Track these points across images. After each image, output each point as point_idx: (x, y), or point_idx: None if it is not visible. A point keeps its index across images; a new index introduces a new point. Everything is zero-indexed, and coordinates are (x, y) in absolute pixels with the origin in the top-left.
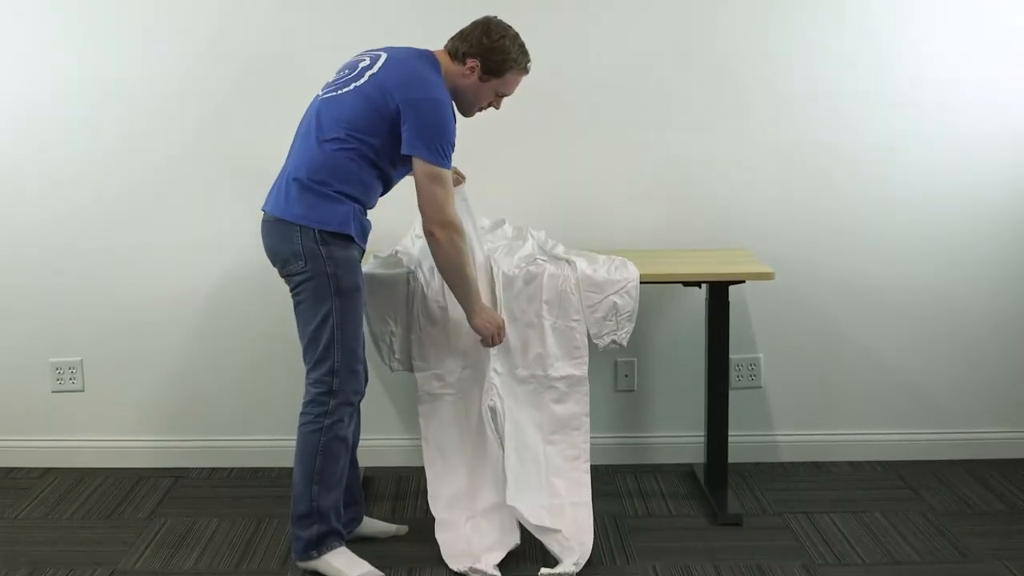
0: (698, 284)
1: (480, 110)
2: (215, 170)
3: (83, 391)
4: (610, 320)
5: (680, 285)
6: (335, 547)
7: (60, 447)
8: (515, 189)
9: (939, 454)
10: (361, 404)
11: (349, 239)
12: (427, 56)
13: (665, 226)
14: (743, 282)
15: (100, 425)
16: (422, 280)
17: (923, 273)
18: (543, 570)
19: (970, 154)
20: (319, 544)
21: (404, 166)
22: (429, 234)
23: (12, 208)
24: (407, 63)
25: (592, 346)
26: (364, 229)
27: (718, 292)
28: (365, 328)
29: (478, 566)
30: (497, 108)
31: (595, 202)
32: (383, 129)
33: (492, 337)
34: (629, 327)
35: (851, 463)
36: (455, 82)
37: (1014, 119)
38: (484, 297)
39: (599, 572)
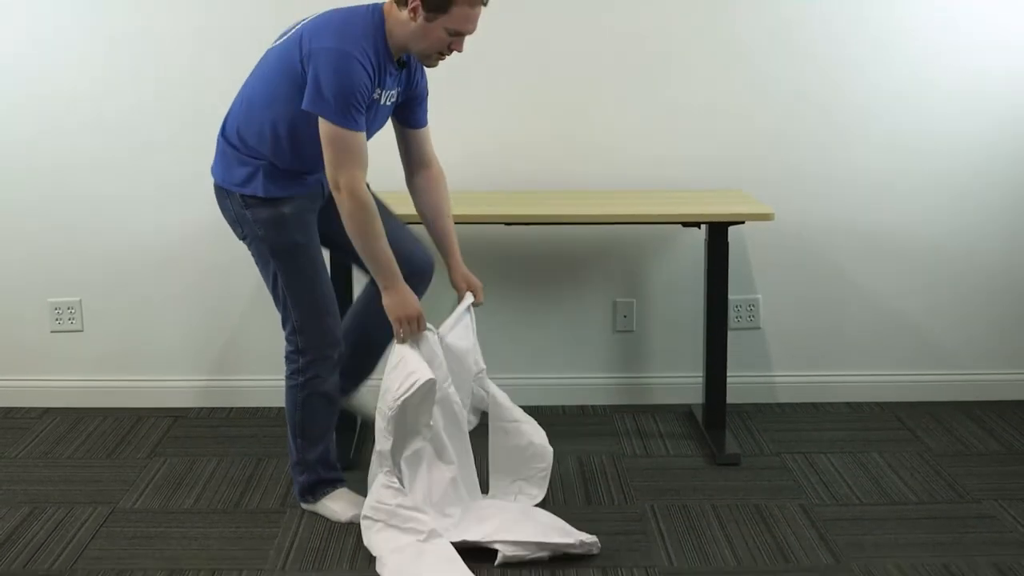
0: (697, 224)
1: (441, 56)
2: (215, 113)
3: (82, 331)
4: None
5: (679, 225)
6: (329, 492)
7: (59, 387)
8: (513, 132)
9: (938, 395)
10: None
11: (272, 197)
12: (366, 9)
13: (664, 167)
14: (743, 223)
15: (99, 365)
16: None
17: (923, 215)
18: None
19: (972, 96)
20: (312, 491)
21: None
22: (334, 190)
23: (9, 148)
24: (332, 13)
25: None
26: (285, 184)
27: (717, 232)
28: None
29: None
30: (460, 50)
31: (594, 143)
32: (292, 83)
33: (401, 322)
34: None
35: (849, 404)
36: (403, 31)
37: (1017, 59)
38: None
39: (598, 512)
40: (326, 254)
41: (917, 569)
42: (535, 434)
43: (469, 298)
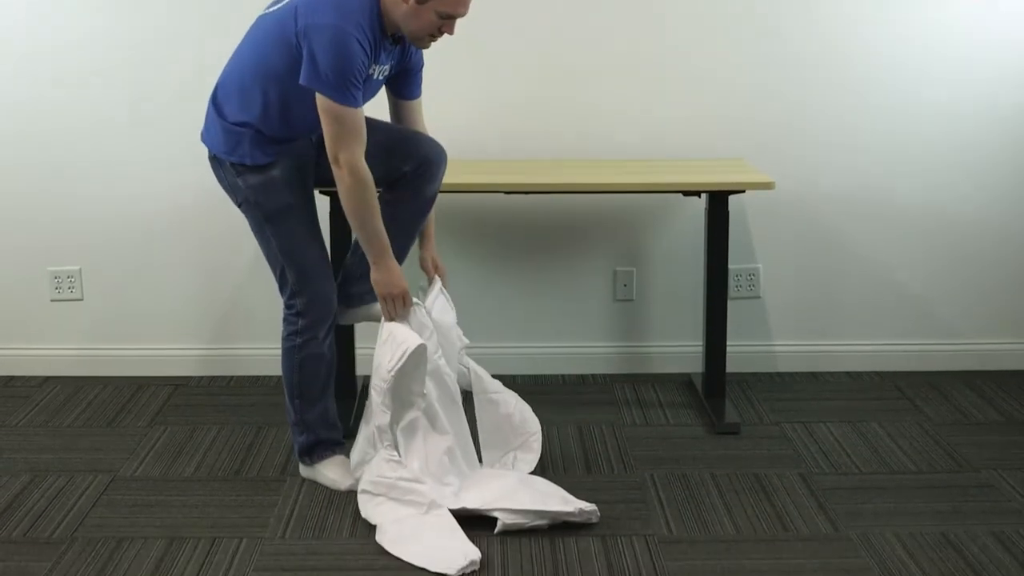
0: (698, 194)
1: (432, 38)
2: (213, 77)
3: (82, 300)
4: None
5: (680, 194)
6: (327, 456)
7: (59, 356)
8: (512, 101)
9: (937, 365)
10: None
11: (260, 164)
12: None
13: (665, 136)
14: (743, 192)
15: (99, 334)
16: None
17: (924, 185)
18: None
19: (975, 65)
20: (311, 452)
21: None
22: (334, 165)
23: (9, 117)
24: None
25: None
26: (272, 149)
27: (718, 201)
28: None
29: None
30: (451, 33)
31: (595, 112)
32: (285, 55)
33: (387, 300)
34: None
35: (849, 373)
36: (397, 12)
37: (1018, 28)
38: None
39: (597, 481)
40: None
41: (916, 538)
42: (520, 403)
43: (438, 281)
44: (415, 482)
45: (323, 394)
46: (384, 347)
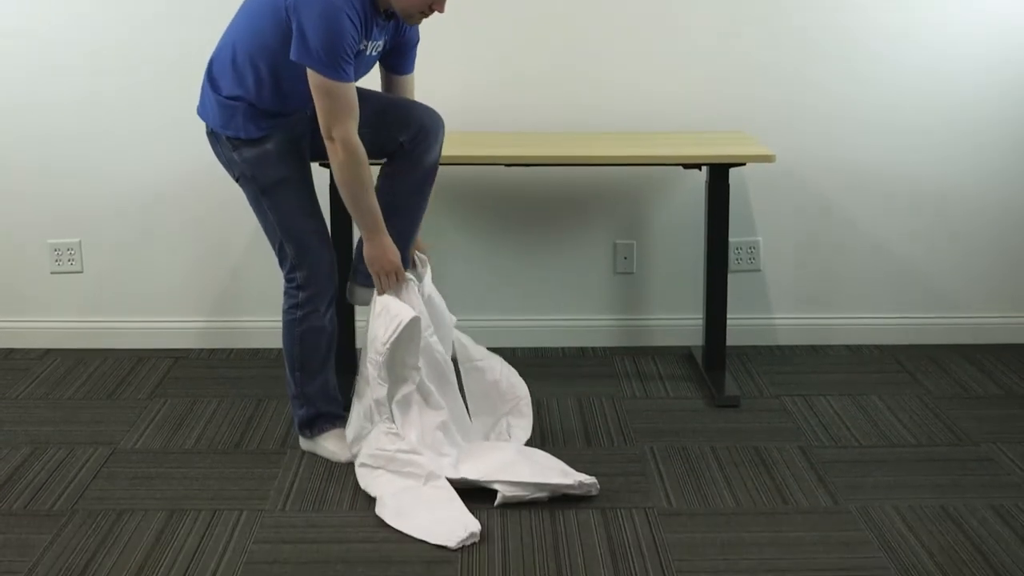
0: (698, 166)
1: (423, 15)
2: (210, 48)
3: (82, 272)
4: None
5: (680, 167)
6: (328, 429)
7: (59, 328)
8: (513, 73)
9: (937, 338)
10: None
11: (255, 138)
12: None
13: (665, 108)
14: (744, 164)
15: (99, 306)
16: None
17: (926, 158)
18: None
19: (977, 36)
20: (311, 425)
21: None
22: (327, 140)
23: (9, 89)
24: None
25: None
26: (266, 122)
27: (718, 174)
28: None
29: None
30: (441, 11)
31: (596, 84)
32: (277, 29)
33: (380, 276)
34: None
35: (849, 347)
36: None
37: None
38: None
39: (597, 453)
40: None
41: (915, 511)
42: (505, 367)
43: (425, 259)
44: (413, 453)
45: (323, 367)
46: (378, 320)
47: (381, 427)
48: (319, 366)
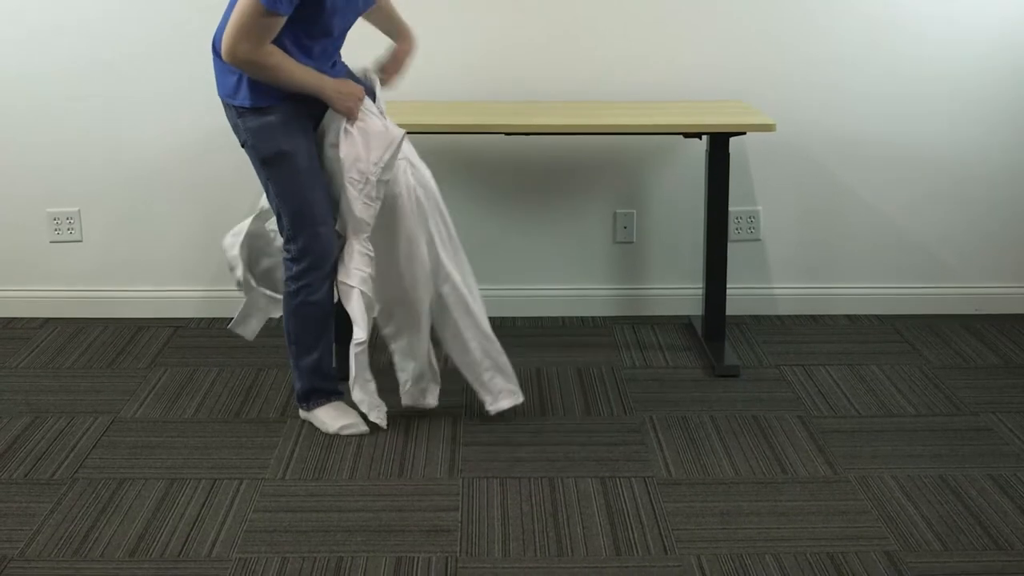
0: (698, 135)
1: None
2: (214, 18)
3: (81, 241)
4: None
5: (680, 136)
6: (323, 403)
7: (59, 297)
8: (512, 42)
9: (937, 308)
10: None
11: (259, 107)
12: None
13: (665, 77)
14: (744, 134)
15: (99, 275)
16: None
17: (924, 128)
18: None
19: (977, 8)
20: (307, 398)
21: (305, 30)
22: (228, 59)
23: (9, 58)
24: None
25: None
26: (270, 92)
27: (719, 144)
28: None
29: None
30: None
31: (595, 53)
32: None
33: (352, 107)
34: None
35: (848, 316)
36: None
37: None
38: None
39: (597, 423)
40: None
41: (914, 480)
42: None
43: (374, 77)
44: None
45: (317, 343)
46: (356, 139)
47: (358, 247)
48: (313, 342)
